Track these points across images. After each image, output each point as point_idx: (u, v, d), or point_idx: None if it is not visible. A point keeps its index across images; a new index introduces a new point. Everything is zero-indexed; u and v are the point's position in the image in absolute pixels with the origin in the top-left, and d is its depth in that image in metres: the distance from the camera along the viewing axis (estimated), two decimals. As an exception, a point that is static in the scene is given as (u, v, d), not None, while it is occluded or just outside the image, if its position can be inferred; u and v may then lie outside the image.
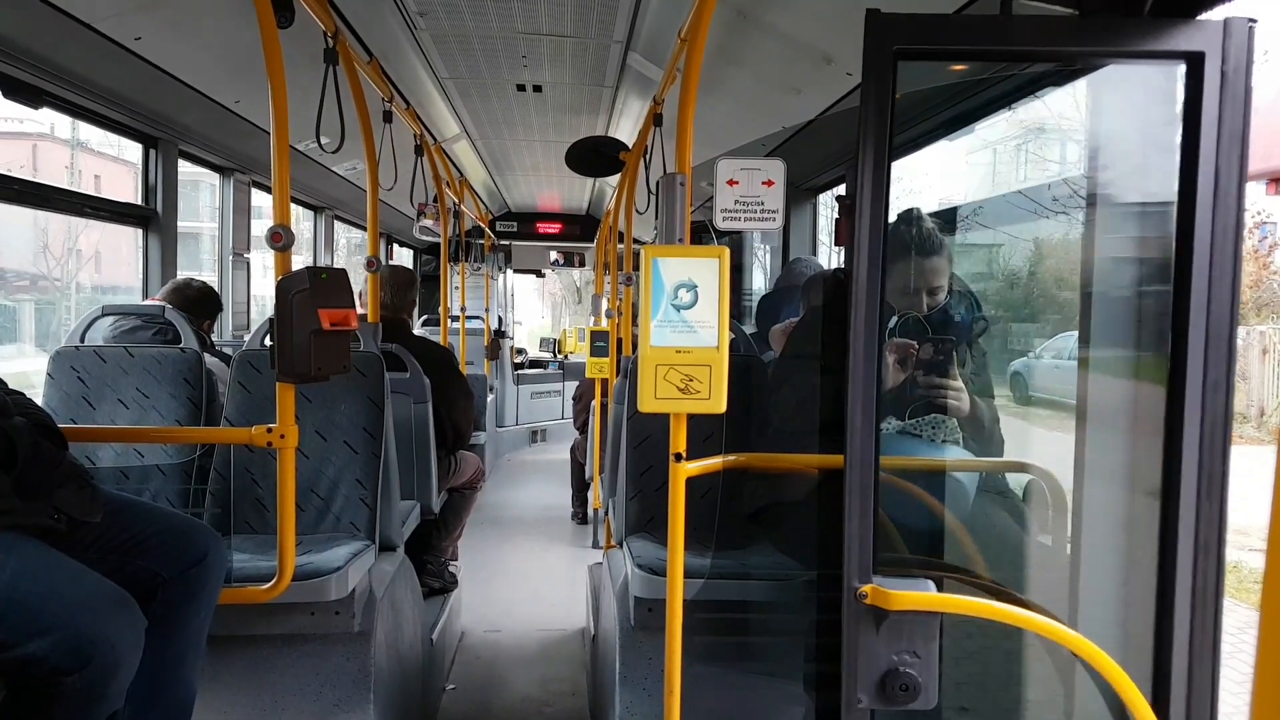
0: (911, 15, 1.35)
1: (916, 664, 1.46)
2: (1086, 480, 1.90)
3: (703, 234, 6.13)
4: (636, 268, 3.49)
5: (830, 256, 5.32)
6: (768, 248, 6.54)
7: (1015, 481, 2.43)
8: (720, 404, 1.85)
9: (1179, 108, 1.45)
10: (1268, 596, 0.94)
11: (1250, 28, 1.35)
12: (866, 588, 1.46)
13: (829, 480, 2.50)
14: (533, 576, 5.54)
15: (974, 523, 2.33)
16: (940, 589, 1.49)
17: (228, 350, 3.67)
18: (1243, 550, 7.27)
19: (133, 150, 4.21)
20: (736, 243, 6.78)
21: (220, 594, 2.13)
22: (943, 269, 2.50)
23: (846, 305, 2.59)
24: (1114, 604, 1.89)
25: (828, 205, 5.41)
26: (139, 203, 4.15)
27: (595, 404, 5.87)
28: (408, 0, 3.46)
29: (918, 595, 1.45)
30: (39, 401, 2.44)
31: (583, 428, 6.78)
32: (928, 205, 2.72)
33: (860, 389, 1.42)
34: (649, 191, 3.73)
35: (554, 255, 10.94)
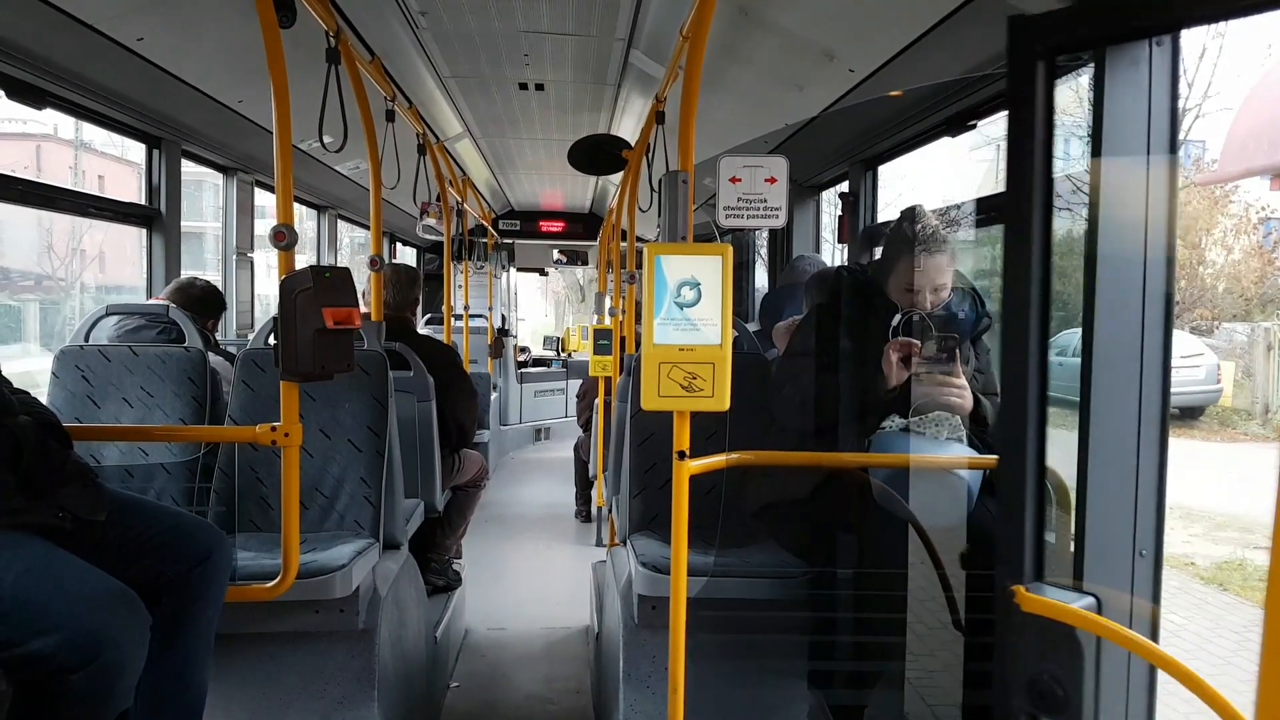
0: (1068, 9, 1.27)
1: (1062, 676, 1.44)
2: (1090, 477, 1.90)
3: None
4: (639, 266, 3.50)
5: (834, 253, 5.31)
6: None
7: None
8: (724, 402, 1.85)
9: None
10: (1272, 595, 0.94)
11: None
12: (1017, 588, 1.46)
13: (832, 478, 2.50)
14: (536, 574, 5.54)
15: (977, 521, 2.33)
16: (1101, 609, 1.45)
17: (232, 349, 3.68)
18: (1247, 548, 7.26)
19: (136, 150, 4.22)
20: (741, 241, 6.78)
21: (225, 590, 2.13)
22: (946, 266, 2.50)
23: (856, 302, 2.60)
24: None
25: (830, 202, 5.40)
26: (143, 202, 4.16)
27: (599, 402, 5.87)
28: (410, -1, 3.47)
29: (1058, 605, 1.43)
30: (44, 400, 2.44)
31: (586, 426, 6.79)
32: (930, 202, 2.72)
33: (1030, 377, 1.39)
34: (652, 189, 3.73)
35: (557, 254, 10.94)
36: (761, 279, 6.93)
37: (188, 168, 4.41)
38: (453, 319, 6.34)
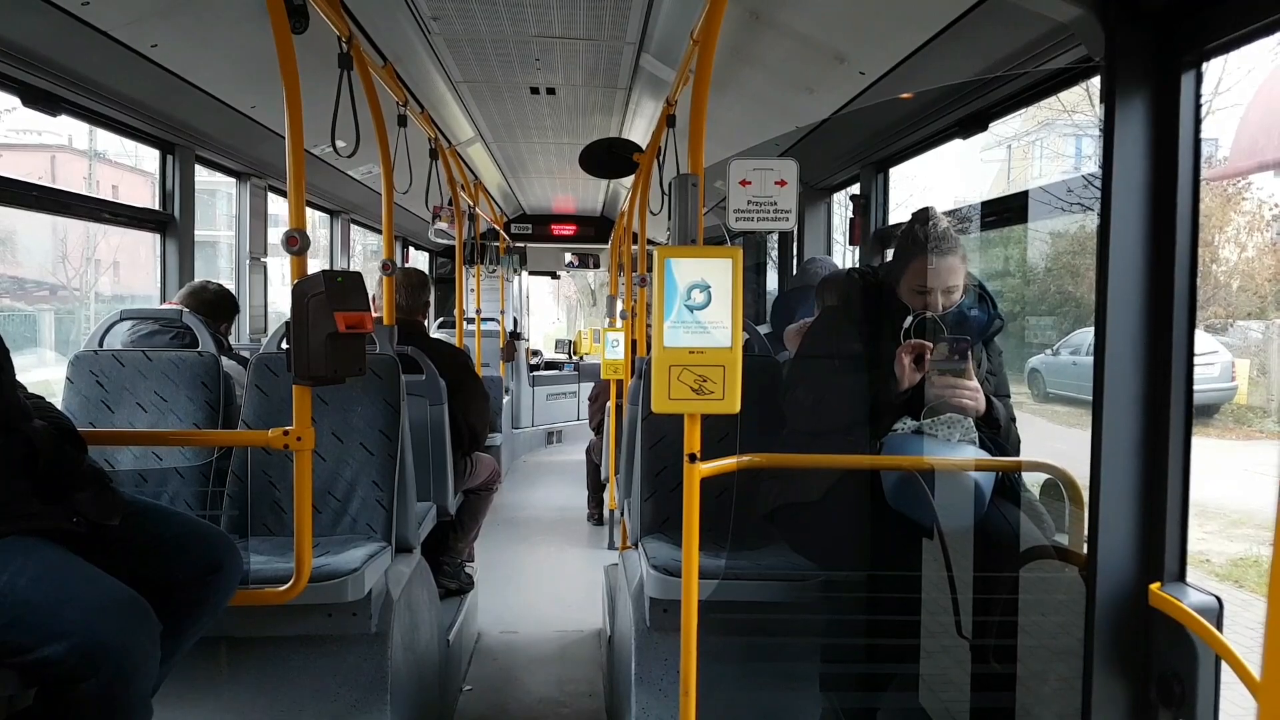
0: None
1: (1186, 674, 1.44)
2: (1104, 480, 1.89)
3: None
4: (650, 268, 3.49)
5: (845, 256, 5.30)
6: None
7: (1032, 480, 2.41)
8: (734, 404, 1.85)
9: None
10: (1274, 589, 0.94)
11: None
12: (1154, 586, 1.46)
13: (844, 480, 2.49)
14: (549, 577, 5.54)
15: (989, 523, 2.32)
16: (1220, 613, 1.45)
17: (245, 353, 3.70)
18: (1263, 545, 7.19)
19: (149, 159, 4.25)
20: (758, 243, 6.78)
21: (228, 602, 2.13)
22: (958, 268, 2.49)
23: (868, 304, 2.59)
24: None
25: (842, 204, 5.39)
26: (156, 208, 4.19)
27: (610, 405, 5.87)
28: (421, 4, 3.48)
29: (1181, 608, 1.43)
30: (59, 405, 2.46)
31: (598, 429, 6.79)
32: (942, 204, 2.71)
33: (1177, 379, 1.42)
34: (663, 192, 3.73)
35: (569, 257, 10.96)
36: (773, 281, 6.92)
37: (201, 175, 4.44)
38: (465, 323, 6.35)
